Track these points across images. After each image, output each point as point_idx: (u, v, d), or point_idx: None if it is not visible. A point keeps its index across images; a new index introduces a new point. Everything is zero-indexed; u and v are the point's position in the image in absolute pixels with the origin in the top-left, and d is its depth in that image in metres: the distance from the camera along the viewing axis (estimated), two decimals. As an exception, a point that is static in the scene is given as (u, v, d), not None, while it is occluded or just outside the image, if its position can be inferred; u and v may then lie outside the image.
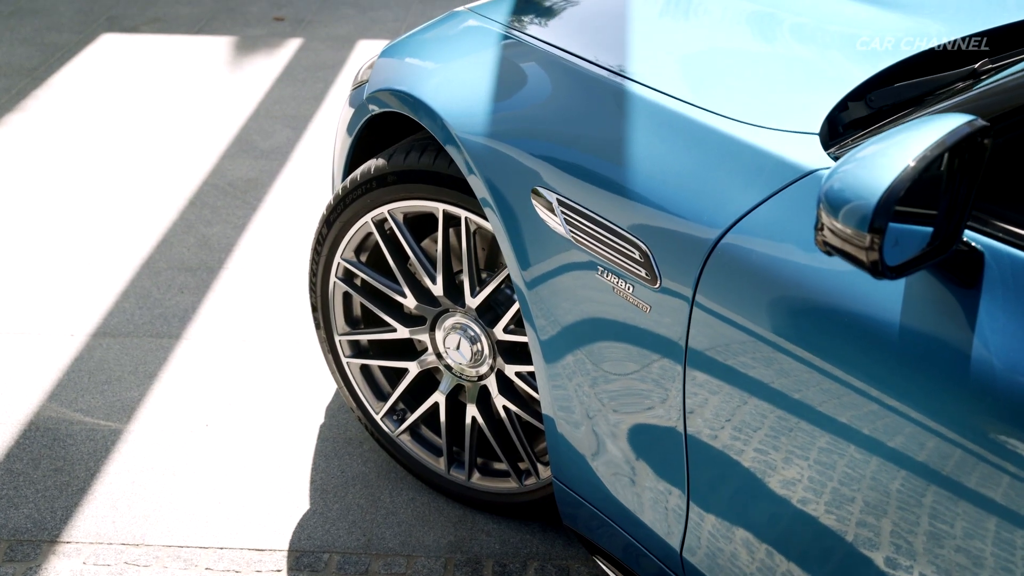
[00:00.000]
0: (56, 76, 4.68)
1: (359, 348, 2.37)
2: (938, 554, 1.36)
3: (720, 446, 1.61)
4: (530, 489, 2.22)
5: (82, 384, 2.73)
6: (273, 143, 4.09)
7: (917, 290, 1.33)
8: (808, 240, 1.45)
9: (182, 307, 3.06)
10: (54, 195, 3.67)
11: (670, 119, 1.71)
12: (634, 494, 1.82)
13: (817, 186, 1.48)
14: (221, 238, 3.41)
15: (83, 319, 2.99)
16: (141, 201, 3.64)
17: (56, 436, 2.55)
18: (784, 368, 1.46)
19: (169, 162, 3.92)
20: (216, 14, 5.50)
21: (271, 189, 3.73)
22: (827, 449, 1.45)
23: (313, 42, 5.13)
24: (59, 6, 5.55)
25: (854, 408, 1.38)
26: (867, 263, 1.18)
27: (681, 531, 1.75)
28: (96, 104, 4.41)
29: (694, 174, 1.63)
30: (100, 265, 3.25)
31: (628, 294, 1.67)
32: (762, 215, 1.51)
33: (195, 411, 2.64)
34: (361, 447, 2.53)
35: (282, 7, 5.63)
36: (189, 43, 5.08)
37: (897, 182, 1.16)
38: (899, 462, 1.36)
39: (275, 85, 4.63)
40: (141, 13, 5.49)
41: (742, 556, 1.66)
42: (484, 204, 1.90)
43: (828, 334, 1.41)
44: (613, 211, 1.68)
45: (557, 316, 1.82)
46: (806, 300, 1.44)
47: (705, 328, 1.56)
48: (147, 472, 2.44)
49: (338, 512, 2.34)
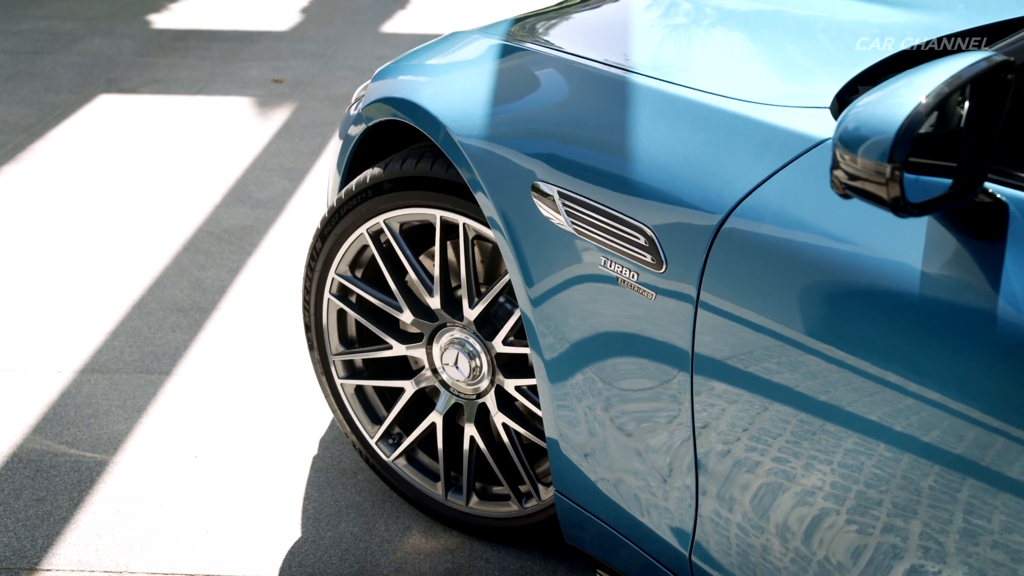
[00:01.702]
0: (53, 132, 4.66)
1: (353, 369, 2.30)
2: (972, 552, 1.28)
3: (729, 441, 1.53)
4: (531, 512, 2.13)
5: (68, 418, 2.65)
6: (269, 193, 4.05)
7: (942, 254, 1.27)
8: (823, 210, 1.38)
9: (173, 345, 2.98)
10: (47, 240, 3.62)
11: (671, 103, 1.67)
12: (640, 498, 1.74)
13: (830, 155, 1.42)
14: (215, 281, 3.35)
15: (71, 356, 2.92)
16: (134, 245, 3.59)
17: (39, 467, 2.46)
18: (797, 347, 1.39)
19: (164, 210, 3.88)
20: (215, 76, 5.50)
21: (266, 236, 3.68)
22: (841, 436, 1.37)
23: (312, 102, 5.13)
24: (58, 70, 5.56)
25: (873, 394, 1.31)
26: (888, 199, 1.12)
27: (690, 534, 1.66)
28: (93, 156, 4.38)
29: (699, 154, 1.58)
30: (91, 305, 3.19)
31: (633, 282, 1.61)
32: (773, 188, 1.46)
33: (184, 443, 2.55)
34: (355, 477, 2.44)
35: (281, 70, 5.64)
36: (187, 102, 5.08)
37: (915, 113, 1.11)
38: (932, 456, 1.28)
39: (273, 140, 4.61)
40: (140, 76, 5.50)
41: (753, 558, 1.57)
42: (482, 204, 1.84)
43: (842, 308, 1.35)
44: (616, 198, 1.63)
45: (559, 310, 1.75)
46: (819, 271, 1.38)
47: (713, 310, 1.49)
48: (133, 502, 2.35)
49: (331, 540, 2.25)
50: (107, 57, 5.82)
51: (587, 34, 2.11)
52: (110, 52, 5.92)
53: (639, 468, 1.71)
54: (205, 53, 5.95)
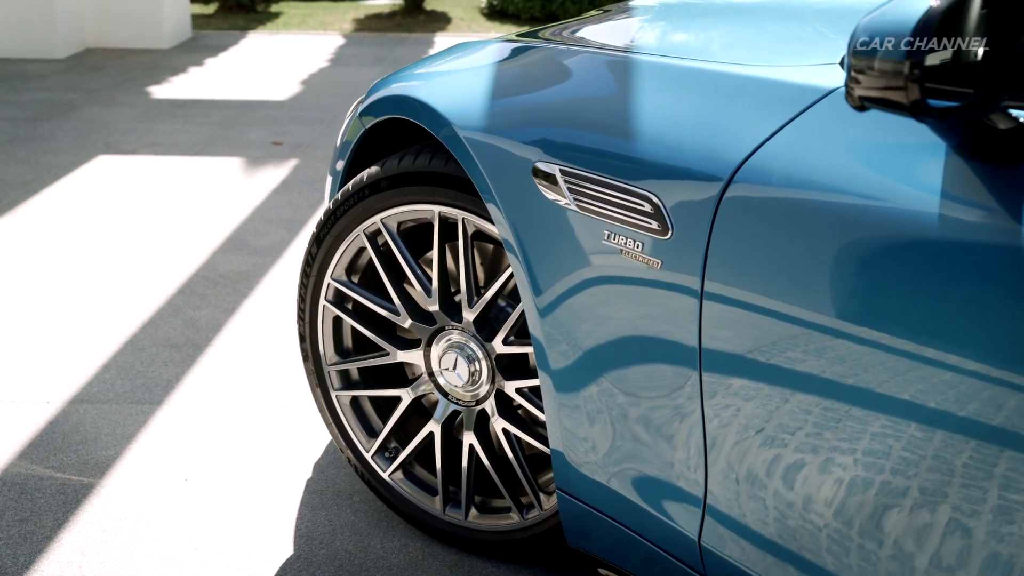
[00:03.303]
0: (50, 188, 4.65)
1: (349, 380, 2.23)
2: (1007, 533, 1.20)
3: (740, 416, 1.47)
4: (532, 523, 2.05)
5: (55, 444, 2.57)
6: (267, 242, 4.02)
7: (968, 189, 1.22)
8: (837, 160, 1.34)
9: (165, 377, 2.92)
10: (40, 283, 3.57)
11: (672, 73, 1.65)
12: (646, 485, 1.66)
13: (843, 103, 1.38)
14: (209, 320, 3.30)
15: (61, 387, 2.85)
16: (128, 287, 3.54)
17: (23, 490, 2.38)
18: (807, 308, 1.34)
19: (159, 256, 3.84)
20: (214, 140, 5.51)
21: (262, 280, 3.63)
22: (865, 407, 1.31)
23: (311, 161, 5.12)
24: (56, 134, 5.57)
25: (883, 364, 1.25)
26: (908, 103, 1.08)
27: (699, 518, 1.58)
28: (89, 209, 4.36)
29: (703, 117, 1.54)
30: (82, 340, 3.13)
31: (638, 253, 1.55)
32: (781, 142, 1.42)
33: (174, 467, 2.48)
34: (351, 499, 2.36)
35: (280, 134, 5.65)
36: (187, 162, 5.08)
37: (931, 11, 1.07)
38: (969, 431, 1.21)
39: (271, 195, 4.59)
40: (139, 139, 5.50)
41: (766, 533, 1.49)
42: (483, 193, 1.80)
43: (856, 258, 1.30)
44: (620, 168, 1.59)
45: (563, 292, 1.69)
46: (831, 225, 1.33)
47: (722, 272, 1.44)
48: (119, 522, 2.27)
49: (324, 557, 2.16)
50: (106, 123, 5.84)
51: (588, 32, 2.10)
52: (109, 119, 5.94)
53: (645, 453, 1.64)
54: (205, 120, 5.97)
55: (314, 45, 8.82)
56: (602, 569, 1.86)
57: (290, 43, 8.91)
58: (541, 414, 1.94)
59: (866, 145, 1.33)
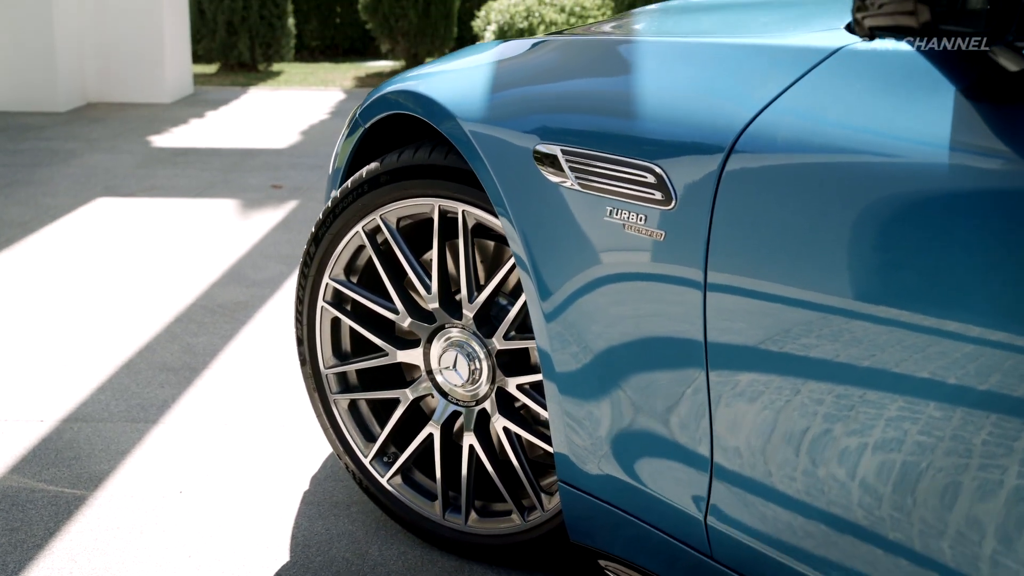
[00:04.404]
0: (49, 227, 4.64)
1: (347, 384, 2.20)
2: None
3: (747, 385, 1.44)
4: (534, 524, 2.01)
5: (47, 459, 2.53)
6: (265, 275, 4.00)
7: (982, 138, 1.20)
8: (845, 119, 1.32)
9: (161, 398, 2.88)
10: (36, 312, 3.55)
11: (674, 49, 1.64)
12: (650, 466, 1.62)
13: (850, 62, 1.37)
14: (206, 346, 3.27)
15: (55, 407, 2.81)
16: (126, 316, 3.51)
17: (15, 502, 2.33)
18: (816, 268, 1.31)
19: (157, 288, 3.82)
20: (214, 184, 5.52)
21: (261, 309, 3.61)
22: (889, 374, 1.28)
23: (311, 202, 5.12)
24: (55, 179, 5.58)
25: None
26: (917, 25, 1.06)
27: (705, 496, 1.54)
28: (88, 246, 4.35)
29: (704, 84, 1.54)
30: (78, 364, 3.10)
31: (640, 226, 1.53)
32: (787, 103, 1.40)
33: (169, 480, 2.43)
34: (349, 510, 2.31)
35: (280, 179, 5.66)
36: (187, 203, 5.08)
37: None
38: (991, 405, 1.18)
39: (270, 232, 4.58)
40: (138, 183, 5.51)
41: (772, 518, 1.45)
42: (485, 182, 1.78)
43: (871, 218, 1.28)
44: (622, 143, 1.57)
45: (566, 273, 1.67)
46: (839, 186, 1.31)
47: (727, 238, 1.42)
48: (111, 531, 2.22)
49: (320, 564, 2.11)
50: (106, 169, 5.85)
51: (594, 27, 2.10)
52: (109, 165, 5.96)
53: (650, 432, 1.61)
54: (205, 166, 5.99)
55: (315, 100, 8.87)
56: (602, 561, 1.82)
57: (291, 98, 8.97)
58: (543, 411, 1.90)
59: (875, 101, 1.32)
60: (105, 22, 8.44)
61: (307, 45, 13.37)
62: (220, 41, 10.72)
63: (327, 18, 13.53)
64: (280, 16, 10.82)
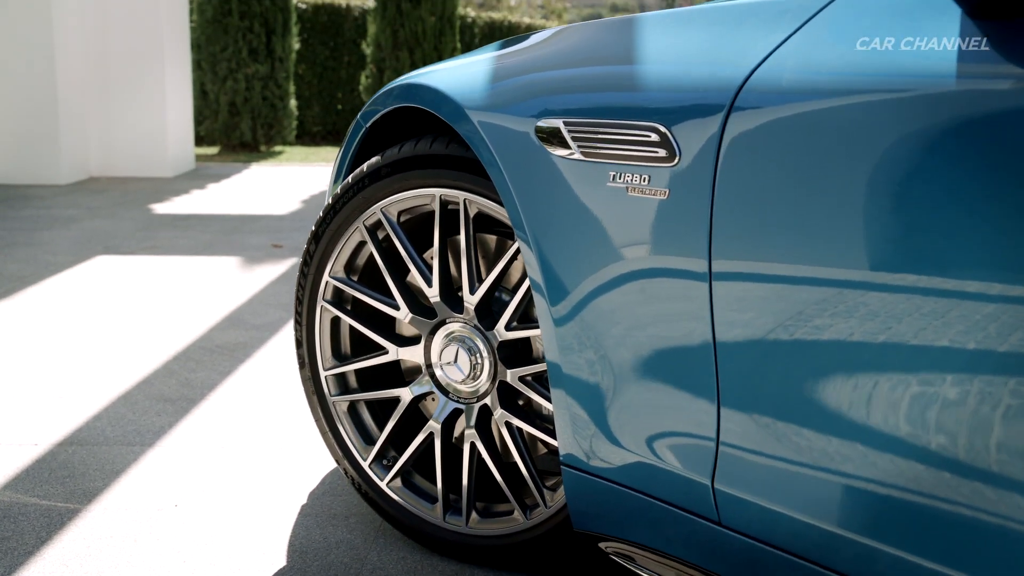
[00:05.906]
0: (48, 280, 4.63)
1: (346, 386, 2.17)
2: None
3: (753, 335, 1.41)
4: (536, 522, 1.96)
5: (41, 477, 2.48)
6: (264, 320, 3.98)
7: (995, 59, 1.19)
8: (850, 61, 1.32)
9: (158, 425, 2.84)
10: (34, 351, 3.51)
11: (675, 17, 1.64)
12: (654, 435, 1.59)
13: (857, 4, 1.37)
14: (204, 380, 3.23)
15: (50, 431, 2.77)
16: (125, 353, 3.48)
17: (7, 514, 2.29)
18: (825, 218, 1.30)
19: (157, 330, 3.80)
20: (215, 244, 5.52)
21: (260, 349, 3.58)
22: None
23: (310, 258, 5.11)
24: (56, 240, 5.58)
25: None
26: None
27: (712, 459, 1.51)
28: (87, 297, 4.33)
29: (705, 42, 1.54)
30: (74, 394, 3.06)
31: (644, 187, 1.52)
32: (791, 50, 1.40)
33: (164, 494, 2.38)
34: (347, 520, 2.26)
35: (281, 239, 5.66)
36: (187, 260, 5.08)
37: None
38: (1009, 369, 1.16)
39: (270, 284, 4.57)
40: (138, 244, 5.51)
41: (778, 475, 1.42)
42: (489, 168, 1.77)
43: (879, 170, 1.27)
44: (623, 110, 1.57)
45: (569, 248, 1.65)
46: (844, 132, 1.30)
47: (731, 192, 1.41)
48: (104, 539, 2.17)
49: (318, 569, 2.06)
50: (106, 232, 5.86)
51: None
52: (110, 229, 5.97)
53: (655, 397, 1.57)
54: (205, 228, 6.00)
55: (316, 173, 8.93)
56: (602, 544, 1.77)
57: (292, 172, 9.03)
58: (546, 403, 1.87)
59: (883, 41, 1.31)
60: (108, 98, 8.52)
61: (309, 131, 13.51)
62: (222, 121, 10.82)
63: (328, 104, 13.69)
64: (282, 97, 10.94)
